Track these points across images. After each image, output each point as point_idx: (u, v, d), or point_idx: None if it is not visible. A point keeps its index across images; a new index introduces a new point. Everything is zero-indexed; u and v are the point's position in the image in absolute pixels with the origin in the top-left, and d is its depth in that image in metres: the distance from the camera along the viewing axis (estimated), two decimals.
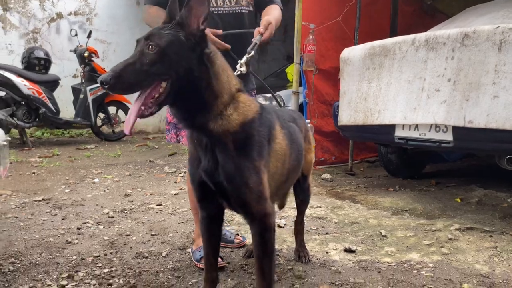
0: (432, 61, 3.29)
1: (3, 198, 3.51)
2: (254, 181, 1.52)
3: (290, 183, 1.97)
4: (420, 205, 3.58)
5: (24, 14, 7.73)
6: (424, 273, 2.22)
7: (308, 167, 2.23)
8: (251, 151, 1.53)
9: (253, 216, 1.58)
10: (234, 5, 2.32)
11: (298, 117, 2.14)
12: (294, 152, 1.82)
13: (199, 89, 1.46)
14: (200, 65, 1.45)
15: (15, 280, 2.04)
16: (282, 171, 1.72)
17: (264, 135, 1.59)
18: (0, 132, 2.59)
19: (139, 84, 1.39)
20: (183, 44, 1.42)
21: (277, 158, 1.65)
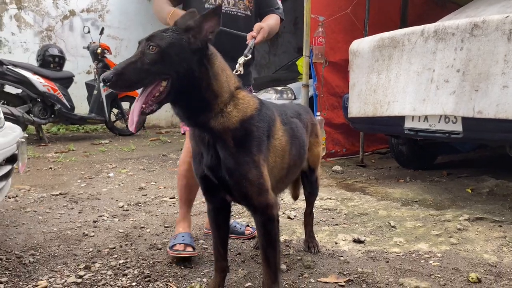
0: (441, 52, 3.29)
1: (22, 193, 3.62)
2: (254, 174, 1.57)
3: (291, 177, 2.01)
4: (430, 196, 3.60)
5: (38, 12, 7.86)
6: (431, 263, 2.26)
7: (315, 160, 2.26)
8: (250, 146, 1.58)
9: (255, 208, 1.65)
10: (231, 7, 2.38)
11: (303, 111, 2.17)
12: (295, 147, 1.86)
13: (200, 89, 1.53)
14: (200, 67, 1.51)
15: (35, 271, 2.13)
16: (281, 166, 1.77)
17: (263, 130, 1.64)
18: (18, 129, 2.68)
19: (140, 82, 1.45)
20: (184, 46, 1.49)
21: (276, 154, 1.70)
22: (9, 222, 2.86)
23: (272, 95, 6.57)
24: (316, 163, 2.27)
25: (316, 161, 2.27)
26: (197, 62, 1.51)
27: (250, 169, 1.57)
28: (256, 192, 1.60)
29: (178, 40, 1.49)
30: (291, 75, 7.01)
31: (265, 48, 10.65)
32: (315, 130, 2.24)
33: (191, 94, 1.53)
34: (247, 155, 1.57)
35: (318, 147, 2.27)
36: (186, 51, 1.49)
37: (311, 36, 4.89)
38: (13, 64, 6.09)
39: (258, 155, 1.59)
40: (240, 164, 1.57)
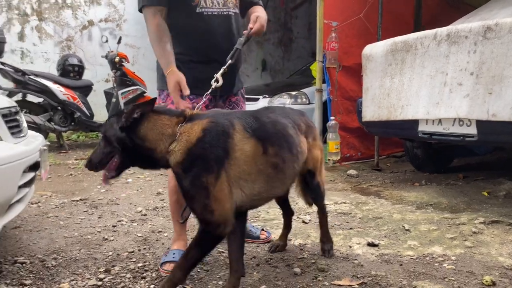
0: (454, 55, 3.29)
1: (44, 199, 3.74)
2: (200, 195, 1.74)
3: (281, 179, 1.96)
4: (445, 199, 3.59)
5: (58, 23, 8.09)
6: (446, 266, 2.26)
7: (315, 163, 2.23)
8: (198, 170, 1.74)
9: (199, 222, 1.82)
10: (222, 7, 2.36)
11: (295, 113, 2.15)
12: (273, 147, 1.87)
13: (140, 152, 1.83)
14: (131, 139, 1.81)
15: (58, 274, 2.21)
16: (258, 169, 1.83)
17: (214, 150, 1.75)
18: (41, 137, 2.78)
19: (101, 162, 1.86)
20: (116, 129, 1.82)
21: (241, 163, 1.79)
22: (32, 227, 2.97)
23: (287, 100, 6.61)
24: (316, 166, 2.25)
25: (316, 164, 2.24)
26: (127, 137, 1.80)
27: (196, 192, 1.75)
28: (201, 211, 1.77)
29: (112, 126, 1.83)
30: (305, 80, 7.05)
31: (279, 54, 10.71)
32: (312, 132, 2.22)
33: (139, 158, 1.86)
34: (193, 179, 1.74)
35: (317, 150, 2.24)
36: (117, 132, 1.81)
37: (324, 41, 4.93)
38: (35, 74, 6.28)
39: (207, 176, 1.72)
40: (187, 188, 1.77)
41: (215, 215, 1.74)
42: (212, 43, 2.32)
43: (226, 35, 2.35)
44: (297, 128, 2.07)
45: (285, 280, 2.13)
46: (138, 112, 1.79)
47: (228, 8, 2.38)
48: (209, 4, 2.33)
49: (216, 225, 1.76)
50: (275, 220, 3.12)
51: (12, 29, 7.71)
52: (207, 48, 2.32)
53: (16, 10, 7.73)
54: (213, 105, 2.39)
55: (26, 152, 2.25)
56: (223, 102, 2.46)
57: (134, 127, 1.80)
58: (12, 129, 2.36)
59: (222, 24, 2.34)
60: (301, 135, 2.08)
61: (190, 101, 2.32)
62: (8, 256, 2.42)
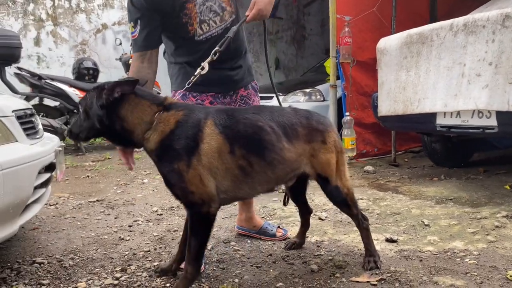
0: (472, 46, 3.21)
1: (62, 200, 3.78)
2: (176, 180, 1.83)
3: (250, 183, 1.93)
4: (466, 194, 3.50)
5: (72, 27, 8.19)
6: (467, 261, 2.20)
7: (325, 167, 2.07)
8: (170, 157, 1.83)
9: (184, 205, 1.92)
10: (220, 24, 2.32)
11: (295, 119, 2.02)
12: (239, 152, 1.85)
13: (119, 131, 1.89)
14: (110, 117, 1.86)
15: (75, 274, 2.22)
16: (223, 166, 1.85)
17: (185, 140, 1.82)
18: (56, 139, 2.81)
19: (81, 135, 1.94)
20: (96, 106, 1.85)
21: (209, 156, 1.83)
22: (50, 228, 2.99)
23: (301, 97, 6.56)
24: (326, 171, 2.07)
25: (326, 169, 2.07)
26: (107, 116, 1.85)
27: (172, 177, 1.84)
28: (181, 194, 1.86)
29: (93, 100, 1.86)
30: (319, 77, 6.98)
31: (292, 51, 10.65)
32: (319, 136, 2.05)
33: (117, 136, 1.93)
34: (167, 166, 1.84)
35: (327, 154, 2.05)
36: (97, 108, 1.85)
37: (338, 36, 4.87)
38: (51, 78, 6.36)
39: (178, 163, 1.80)
40: (164, 174, 1.87)
41: (196, 195, 1.82)
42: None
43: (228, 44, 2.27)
44: (290, 133, 1.95)
45: (302, 277, 2.09)
46: (119, 91, 1.83)
47: (225, 22, 2.34)
48: (206, 28, 2.30)
49: (200, 205, 1.83)
50: (291, 218, 3.09)
51: (28, 34, 7.83)
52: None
53: (31, 16, 7.85)
54: (219, 102, 2.38)
55: (41, 153, 2.27)
56: (231, 98, 2.44)
57: (115, 106, 1.85)
58: (28, 131, 2.38)
59: (221, 36, 2.29)
60: (290, 141, 1.95)
61: (194, 98, 2.32)
62: (26, 257, 2.44)
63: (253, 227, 2.67)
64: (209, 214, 1.85)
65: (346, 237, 2.65)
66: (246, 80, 2.49)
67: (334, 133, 2.13)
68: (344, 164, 2.17)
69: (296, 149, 1.98)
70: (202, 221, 1.86)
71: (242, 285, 2.03)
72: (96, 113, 1.85)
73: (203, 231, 1.88)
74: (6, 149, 2.04)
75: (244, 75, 2.47)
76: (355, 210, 2.20)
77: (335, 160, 2.10)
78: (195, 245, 1.86)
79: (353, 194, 2.19)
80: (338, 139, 2.15)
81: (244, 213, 2.69)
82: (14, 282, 2.12)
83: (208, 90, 2.32)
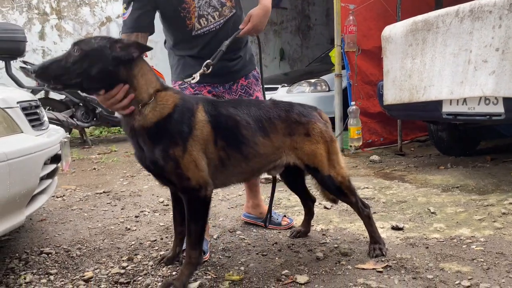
0: (478, 32, 3.17)
1: (68, 192, 3.80)
2: (170, 166, 1.78)
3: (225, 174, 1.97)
4: (472, 181, 3.48)
5: (76, 21, 8.20)
6: (474, 247, 2.19)
7: (311, 158, 2.06)
8: (166, 141, 1.77)
9: (180, 191, 1.87)
10: (218, 19, 2.31)
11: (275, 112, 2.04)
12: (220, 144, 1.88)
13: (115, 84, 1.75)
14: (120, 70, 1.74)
15: (82, 263, 2.24)
16: (208, 154, 1.86)
17: (181, 125, 1.80)
18: (61, 130, 2.82)
19: (60, 77, 1.70)
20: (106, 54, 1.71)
21: (200, 142, 1.83)
22: (57, 219, 3.02)
23: (306, 88, 6.54)
24: (314, 161, 2.07)
25: (314, 160, 2.06)
26: (117, 67, 1.73)
27: (167, 162, 1.77)
28: (177, 180, 1.82)
29: (102, 47, 1.71)
30: (324, 67, 6.95)
31: (297, 42, 10.59)
32: (301, 128, 2.05)
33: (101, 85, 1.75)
34: (162, 150, 1.77)
35: (311, 146, 2.05)
36: (107, 57, 1.71)
37: (342, 25, 4.83)
38: None
39: (173, 148, 1.77)
40: (158, 158, 1.78)
41: (192, 181, 1.80)
42: (214, 50, 2.26)
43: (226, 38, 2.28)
44: (266, 126, 1.98)
45: (307, 264, 2.10)
46: (136, 53, 1.76)
47: (225, 17, 2.33)
48: (204, 23, 2.29)
49: (197, 190, 1.82)
50: (297, 207, 3.08)
51: (33, 28, 7.85)
52: (209, 54, 2.25)
53: (36, 10, 7.87)
54: (217, 91, 2.38)
55: (46, 143, 2.28)
56: (229, 88, 2.43)
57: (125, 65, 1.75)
58: (33, 122, 2.39)
59: (221, 32, 2.30)
60: (266, 135, 1.98)
61: (192, 89, 2.32)
62: (34, 247, 2.47)
63: (260, 214, 2.69)
64: (206, 198, 1.85)
65: (352, 225, 2.64)
66: (246, 69, 2.48)
67: (319, 124, 2.10)
68: (336, 152, 2.14)
69: (273, 143, 2.00)
70: (200, 205, 1.85)
71: (248, 272, 2.03)
72: (104, 62, 1.70)
73: (202, 215, 1.87)
74: (12, 140, 2.05)
75: (244, 64, 2.46)
76: (353, 198, 2.18)
77: (323, 150, 2.08)
78: (196, 230, 1.86)
79: (349, 182, 2.16)
80: (326, 129, 2.12)
81: (251, 200, 2.71)
82: (23, 271, 2.14)
83: (206, 81, 2.31)
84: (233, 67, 2.41)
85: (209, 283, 1.94)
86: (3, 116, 2.09)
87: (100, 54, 1.71)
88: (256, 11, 2.24)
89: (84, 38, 1.78)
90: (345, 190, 2.15)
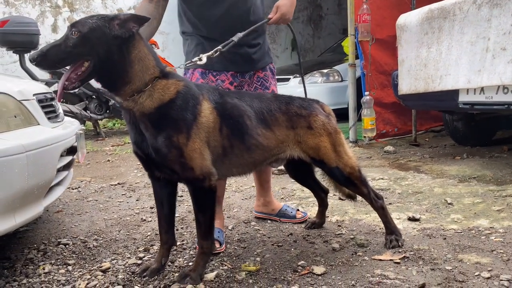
0: (497, 19, 3.10)
1: (84, 184, 3.84)
2: (174, 154, 1.72)
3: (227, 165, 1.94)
4: (490, 172, 3.43)
5: (88, 13, 8.20)
6: (493, 239, 2.16)
7: (316, 151, 2.05)
8: (169, 128, 1.72)
9: (185, 181, 1.83)
10: None
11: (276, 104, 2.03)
12: (225, 132, 1.86)
13: (117, 73, 1.70)
14: (118, 52, 1.67)
15: (99, 254, 2.26)
16: (213, 143, 1.83)
17: (185, 112, 1.75)
18: (76, 123, 2.83)
19: (61, 63, 1.64)
20: (105, 32, 1.64)
21: (205, 129, 1.79)
22: (73, 210, 3.05)
23: (318, 78, 6.49)
24: (318, 154, 2.05)
25: (318, 153, 2.05)
26: (117, 48, 1.66)
27: (170, 150, 1.72)
28: (180, 169, 1.76)
29: (101, 27, 1.64)
30: (337, 57, 6.90)
31: (309, 32, 10.50)
32: (303, 121, 2.04)
33: (110, 76, 1.71)
34: (165, 137, 1.72)
35: (314, 139, 2.04)
36: (107, 36, 1.64)
37: (356, 14, 4.76)
38: None
39: (177, 136, 1.72)
40: (160, 146, 1.72)
41: (196, 171, 1.76)
42: (230, 25, 2.24)
43: (244, 14, 2.28)
44: (268, 119, 1.97)
45: (323, 255, 2.09)
46: (135, 27, 1.68)
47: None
48: None
49: (201, 180, 1.78)
50: (311, 198, 3.07)
51: (46, 21, 7.90)
52: (225, 31, 2.23)
53: (48, 3, 7.91)
54: (238, 82, 2.36)
55: (62, 135, 2.29)
56: (250, 78, 2.41)
57: (125, 43, 1.68)
58: (49, 114, 2.40)
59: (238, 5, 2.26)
60: (268, 127, 1.97)
61: (214, 77, 2.30)
62: (52, 238, 2.50)
63: (272, 211, 2.66)
64: (211, 187, 1.81)
65: (367, 216, 2.62)
66: (264, 61, 2.46)
67: (320, 116, 2.08)
68: (341, 144, 2.11)
69: (276, 136, 2.00)
70: (206, 196, 1.82)
71: (264, 263, 2.03)
72: (107, 42, 1.64)
73: (209, 205, 1.85)
74: (29, 132, 2.06)
75: (263, 55, 2.44)
76: (364, 189, 2.15)
77: (327, 143, 2.06)
78: (205, 220, 1.84)
79: (359, 172, 2.13)
80: (328, 121, 2.10)
81: (262, 198, 2.67)
82: (41, 262, 2.17)
83: (227, 68, 2.30)
84: (252, 54, 2.37)
85: (225, 273, 1.95)
86: (20, 108, 2.10)
87: (100, 34, 1.64)
88: (283, 1, 2.28)
89: (80, 19, 1.68)
90: (355, 180, 2.12)
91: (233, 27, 2.22)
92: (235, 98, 1.95)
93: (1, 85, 2.10)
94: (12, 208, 1.83)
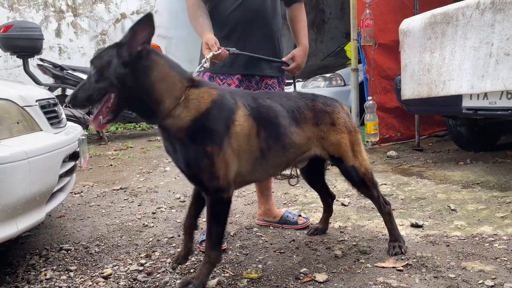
0: (500, 24, 3.09)
1: (86, 189, 3.84)
2: (206, 163, 1.73)
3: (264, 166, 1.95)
4: (493, 177, 3.41)
5: (92, 18, 8.26)
6: (497, 246, 2.14)
7: (336, 148, 2.07)
8: (204, 139, 1.73)
9: (206, 190, 1.82)
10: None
11: (302, 102, 2.06)
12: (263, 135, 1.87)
13: (142, 98, 1.69)
14: (135, 79, 1.65)
15: (101, 260, 2.26)
16: (250, 148, 1.84)
17: (220, 122, 1.76)
18: (79, 127, 2.84)
19: (90, 100, 1.67)
20: (115, 63, 1.63)
21: (240, 138, 1.80)
22: (75, 216, 3.05)
23: (321, 82, 6.48)
24: (338, 151, 2.08)
25: (338, 150, 2.07)
26: (130, 75, 1.64)
27: (202, 160, 1.73)
28: (207, 178, 1.76)
29: (111, 57, 1.64)
30: (339, 61, 6.88)
31: (312, 36, 10.49)
32: (327, 118, 2.07)
33: (137, 103, 1.71)
34: (199, 148, 1.73)
35: (336, 135, 2.06)
36: (117, 65, 1.63)
37: (358, 18, 4.76)
38: (72, 69, 6.44)
39: (211, 146, 1.72)
40: (193, 156, 1.74)
41: (221, 180, 1.77)
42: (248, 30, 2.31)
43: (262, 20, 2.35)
44: (298, 116, 1.99)
45: (326, 262, 2.08)
46: (143, 39, 1.63)
47: None
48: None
49: (222, 190, 1.79)
50: (313, 204, 3.06)
51: (49, 26, 7.93)
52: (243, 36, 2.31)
53: (52, 8, 7.95)
54: (244, 86, 2.36)
55: (65, 141, 2.29)
56: (257, 84, 2.41)
57: (140, 66, 1.65)
58: (51, 120, 2.41)
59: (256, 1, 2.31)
60: (299, 125, 1.99)
61: (221, 81, 2.31)
62: (54, 244, 2.50)
63: (273, 218, 2.65)
64: (229, 199, 1.83)
65: (370, 222, 2.61)
66: (273, 71, 2.47)
67: (343, 114, 2.12)
68: (359, 144, 2.15)
69: (305, 133, 2.01)
70: (223, 207, 1.84)
71: (266, 270, 2.02)
72: (117, 71, 1.63)
73: (224, 216, 1.86)
74: (32, 138, 2.07)
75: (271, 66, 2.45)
76: (375, 192, 2.17)
77: (347, 140, 2.10)
78: (217, 231, 1.85)
79: (372, 175, 2.16)
80: (349, 119, 2.14)
81: (263, 206, 2.67)
82: (43, 268, 2.17)
83: (234, 71, 2.30)
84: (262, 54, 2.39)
85: (227, 280, 1.94)
86: (22, 114, 2.11)
87: (112, 66, 1.63)
88: (299, 52, 2.49)
89: (97, 53, 1.74)
90: (368, 182, 2.14)
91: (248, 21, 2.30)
92: (267, 99, 1.97)
93: (4, 91, 2.11)
94: (14, 214, 1.83)
